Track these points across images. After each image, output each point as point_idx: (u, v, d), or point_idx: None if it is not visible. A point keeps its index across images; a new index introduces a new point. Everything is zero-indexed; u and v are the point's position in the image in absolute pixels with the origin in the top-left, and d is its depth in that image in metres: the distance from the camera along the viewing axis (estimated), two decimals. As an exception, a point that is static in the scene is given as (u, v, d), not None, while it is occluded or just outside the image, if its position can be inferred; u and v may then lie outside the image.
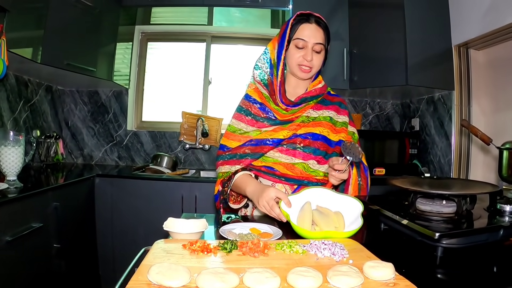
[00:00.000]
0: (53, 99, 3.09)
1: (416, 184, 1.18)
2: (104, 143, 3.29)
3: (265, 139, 1.45)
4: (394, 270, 0.77)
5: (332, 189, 1.31)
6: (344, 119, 1.55)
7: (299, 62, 1.42)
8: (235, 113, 1.54)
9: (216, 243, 0.92)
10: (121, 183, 2.61)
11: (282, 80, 1.46)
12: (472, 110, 2.51)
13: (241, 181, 1.42)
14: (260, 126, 1.48)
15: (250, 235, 1.10)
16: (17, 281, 1.70)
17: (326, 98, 1.55)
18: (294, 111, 1.47)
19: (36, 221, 1.83)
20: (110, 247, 2.62)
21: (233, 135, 1.50)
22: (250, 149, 1.45)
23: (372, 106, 3.42)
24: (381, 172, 2.90)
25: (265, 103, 1.50)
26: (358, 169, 1.51)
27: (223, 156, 1.50)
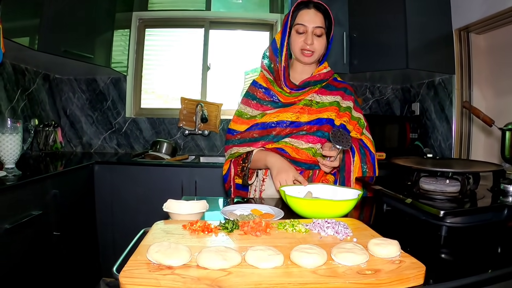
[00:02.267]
0: (51, 87, 3.04)
1: (419, 163, 1.16)
2: (103, 130, 3.25)
3: (270, 122, 1.50)
4: (400, 248, 0.75)
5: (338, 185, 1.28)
6: (348, 104, 1.56)
7: (301, 47, 1.45)
8: (243, 98, 1.59)
9: (217, 223, 0.90)
10: (121, 169, 2.59)
11: (286, 64, 1.49)
12: (473, 94, 2.48)
13: (258, 155, 1.48)
14: (265, 109, 1.53)
15: (251, 216, 1.08)
16: (17, 269, 1.68)
17: (331, 84, 1.57)
18: (297, 94, 1.51)
19: (36, 209, 1.81)
20: (110, 233, 2.61)
21: (241, 120, 1.55)
22: (257, 133, 1.50)
23: (372, 90, 3.38)
24: (381, 156, 2.87)
25: (269, 87, 1.55)
26: (363, 156, 1.50)
27: (233, 141, 1.55)
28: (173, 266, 0.66)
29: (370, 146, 1.55)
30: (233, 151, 1.53)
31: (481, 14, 2.27)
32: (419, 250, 0.83)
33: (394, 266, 0.69)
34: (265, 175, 1.55)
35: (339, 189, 1.22)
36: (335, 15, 2.80)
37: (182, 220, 0.95)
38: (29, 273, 1.78)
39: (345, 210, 1.04)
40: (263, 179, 1.55)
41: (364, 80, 3.28)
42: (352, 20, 2.82)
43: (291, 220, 0.93)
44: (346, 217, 1.03)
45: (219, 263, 0.65)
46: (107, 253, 2.64)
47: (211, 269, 0.65)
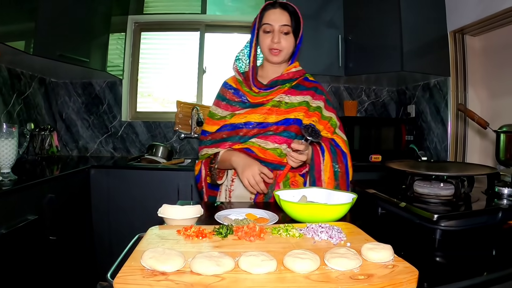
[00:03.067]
0: (47, 91, 3.04)
1: (413, 167, 1.17)
2: (99, 134, 3.25)
3: (238, 123, 1.52)
4: (393, 252, 0.75)
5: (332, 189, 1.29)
6: (318, 103, 1.56)
7: (269, 46, 1.49)
8: (214, 100, 1.64)
9: (211, 228, 0.90)
10: (117, 173, 2.58)
11: (254, 64, 1.55)
12: (468, 96, 2.49)
13: (225, 155, 1.51)
14: (234, 109, 1.55)
15: (245, 220, 1.08)
16: (13, 274, 1.68)
17: (301, 84, 1.58)
18: (265, 94, 1.53)
19: (31, 213, 1.80)
20: (106, 237, 2.60)
21: (212, 121, 1.59)
22: (226, 133, 1.53)
23: (367, 93, 3.39)
24: (377, 158, 2.89)
25: (238, 88, 1.58)
26: (334, 155, 1.50)
27: (205, 142, 1.59)
28: (167, 272, 0.66)
29: (343, 145, 1.56)
30: (203, 152, 1.57)
31: (476, 16, 2.28)
32: (413, 254, 0.84)
33: (387, 271, 0.69)
34: (234, 175, 1.56)
35: (334, 193, 1.22)
36: (330, 18, 2.84)
37: (176, 226, 0.95)
38: (26, 278, 1.77)
39: (340, 214, 1.05)
40: (232, 179, 1.57)
41: (359, 83, 3.29)
42: (347, 23, 2.84)
43: (285, 225, 0.93)
44: (341, 221, 1.03)
45: (212, 269, 0.66)
46: (104, 256, 2.63)
47: (204, 274, 0.65)
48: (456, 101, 2.48)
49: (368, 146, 2.87)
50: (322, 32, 2.84)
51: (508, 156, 1.30)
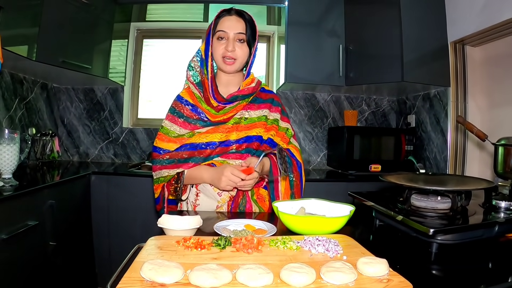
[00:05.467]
0: (49, 96, 3.07)
1: (411, 180, 1.18)
2: (100, 140, 3.27)
3: (200, 143, 1.46)
4: (388, 266, 0.77)
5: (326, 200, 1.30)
6: (275, 116, 1.57)
7: (222, 54, 1.43)
8: (168, 114, 1.52)
9: (210, 240, 0.92)
10: (117, 180, 2.60)
11: (212, 75, 1.48)
12: (468, 106, 2.51)
13: (192, 174, 1.47)
14: (193, 128, 1.48)
15: (244, 232, 1.10)
16: (13, 279, 1.69)
17: (258, 96, 1.56)
18: (225, 111, 1.49)
19: (32, 219, 1.81)
20: (106, 244, 2.61)
21: (167, 137, 1.49)
22: (187, 153, 1.46)
23: (368, 102, 3.42)
24: (377, 168, 2.90)
25: (196, 104, 1.50)
26: (289, 165, 1.52)
27: (160, 161, 1.48)
28: (165, 284, 0.68)
29: (297, 154, 1.58)
30: (163, 174, 1.48)
31: (476, 27, 2.30)
32: (409, 268, 0.85)
33: (382, 285, 0.70)
34: (196, 188, 1.53)
35: (332, 205, 1.24)
36: (331, 28, 2.87)
37: (176, 236, 0.96)
38: (26, 283, 1.79)
39: (337, 226, 1.06)
40: (197, 194, 1.53)
41: (360, 92, 3.31)
42: (348, 32, 2.87)
43: (283, 237, 0.95)
44: (339, 233, 1.05)
45: (210, 281, 0.67)
46: (103, 263, 2.64)
47: (202, 287, 0.67)
48: (456, 112, 2.50)
49: (368, 155, 2.88)
50: (323, 41, 2.87)
51: (506, 169, 1.31)
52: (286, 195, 1.51)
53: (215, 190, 1.49)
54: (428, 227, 0.92)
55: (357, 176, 2.79)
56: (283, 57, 2.98)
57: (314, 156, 3.40)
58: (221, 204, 1.51)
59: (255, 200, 1.55)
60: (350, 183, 2.69)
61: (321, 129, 3.39)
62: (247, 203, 1.53)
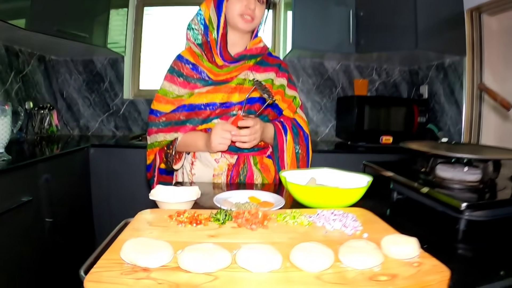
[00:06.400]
0: (47, 69, 2.90)
1: (435, 148, 1.03)
2: (100, 113, 3.12)
3: (199, 104, 1.33)
4: (419, 246, 0.63)
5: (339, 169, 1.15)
6: (281, 81, 1.44)
7: (242, 12, 1.29)
8: (167, 75, 1.41)
9: (208, 214, 0.78)
10: (117, 153, 2.47)
11: (224, 32, 1.35)
12: (484, 77, 2.31)
13: (187, 140, 1.35)
14: (193, 87, 1.36)
15: (248, 204, 0.97)
16: (8, 256, 1.59)
17: (265, 60, 1.43)
18: (229, 69, 1.36)
19: (26, 195, 1.69)
20: (107, 218, 2.51)
21: (165, 99, 1.37)
22: (184, 115, 1.34)
23: (378, 72, 3.22)
24: (388, 140, 2.75)
25: (197, 63, 1.38)
26: (296, 136, 1.40)
27: (156, 123, 1.37)
28: (149, 268, 0.55)
29: (304, 125, 1.45)
30: (159, 138, 1.37)
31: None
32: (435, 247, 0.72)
33: (413, 270, 0.57)
34: (193, 157, 1.41)
35: (346, 175, 1.09)
36: (342, -8, 2.67)
37: (169, 210, 0.83)
38: (22, 260, 1.69)
39: (353, 199, 0.92)
40: (192, 162, 1.41)
41: (370, 61, 3.12)
42: (358, -2, 2.66)
43: (292, 211, 0.82)
44: (354, 207, 0.91)
45: (203, 265, 0.54)
46: (104, 238, 2.55)
47: (194, 272, 0.54)
48: (472, 82, 2.31)
49: (378, 127, 2.72)
50: (332, 7, 2.66)
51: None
52: (293, 168, 1.39)
53: (212, 156, 1.35)
54: (459, 201, 0.78)
55: (368, 148, 2.63)
56: (290, 24, 2.78)
57: (322, 127, 3.24)
58: (218, 172, 1.37)
59: (258, 169, 1.41)
60: (360, 154, 2.54)
61: (329, 99, 3.21)
62: (248, 171, 1.39)
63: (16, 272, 1.65)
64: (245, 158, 1.39)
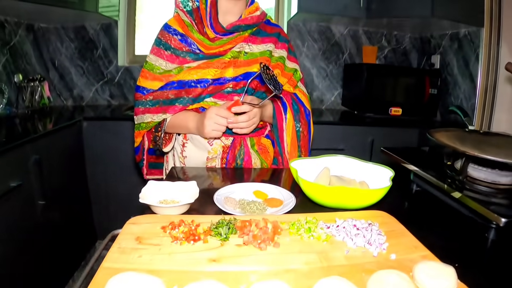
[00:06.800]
0: (36, 38, 2.69)
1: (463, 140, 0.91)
2: (94, 81, 2.95)
3: (190, 81, 1.19)
4: (456, 277, 0.53)
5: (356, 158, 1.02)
6: (281, 53, 1.29)
7: None
8: (153, 47, 1.25)
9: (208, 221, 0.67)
10: (112, 126, 2.34)
11: (214, 1, 1.20)
12: (501, 51, 2.13)
13: (177, 121, 1.23)
14: (182, 62, 1.21)
15: (253, 204, 0.86)
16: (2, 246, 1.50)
17: (262, 29, 1.27)
18: (222, 42, 1.20)
19: (14, 180, 1.56)
20: (103, 194, 2.43)
21: (152, 74, 1.23)
22: (174, 93, 1.20)
23: (388, 38, 3.02)
24: (397, 112, 2.61)
25: (187, 34, 1.22)
26: (296, 113, 1.28)
27: (143, 102, 1.23)
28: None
29: (305, 101, 1.33)
30: (146, 119, 1.24)
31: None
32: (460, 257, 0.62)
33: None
34: (185, 138, 1.30)
35: (363, 165, 0.97)
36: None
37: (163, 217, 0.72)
38: (18, 248, 1.61)
39: (374, 200, 0.81)
40: (183, 144, 1.30)
41: (380, 27, 2.92)
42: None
43: (307, 219, 0.70)
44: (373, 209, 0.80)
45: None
46: (101, 215, 2.49)
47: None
48: (488, 55, 2.12)
49: (387, 97, 2.58)
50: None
51: None
52: (293, 148, 1.28)
53: (205, 139, 1.23)
54: (499, 215, 0.67)
55: (376, 119, 2.51)
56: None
57: (328, 95, 3.08)
58: (212, 155, 1.25)
59: (256, 151, 1.30)
60: (368, 127, 2.41)
61: (336, 65, 3.04)
62: (245, 155, 1.27)
63: (15, 257, 1.58)
64: (241, 140, 1.27)
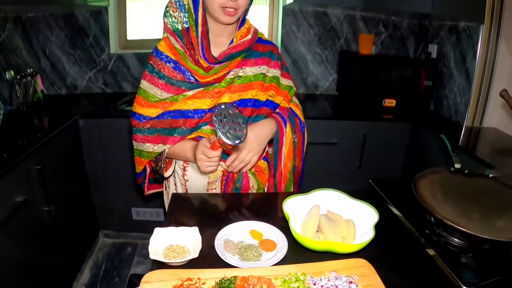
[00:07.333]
0: (25, 29, 2.69)
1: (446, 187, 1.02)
2: (87, 70, 3.00)
3: (187, 110, 1.25)
4: None
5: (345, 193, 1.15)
6: (274, 72, 1.35)
7: (222, 4, 1.16)
8: (146, 73, 1.29)
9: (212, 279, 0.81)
10: (108, 124, 2.46)
11: (205, 29, 1.21)
12: (499, 49, 2.18)
13: (174, 151, 1.32)
14: (177, 91, 1.26)
15: (250, 251, 0.99)
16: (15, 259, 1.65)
17: (255, 49, 1.32)
18: (216, 70, 1.26)
19: (19, 195, 1.66)
20: (103, 188, 2.61)
21: (147, 102, 1.28)
22: (171, 122, 1.26)
23: (386, 23, 3.05)
24: (391, 103, 2.73)
25: (180, 62, 1.26)
26: (293, 125, 1.39)
27: (141, 130, 1.30)
28: None
29: (299, 114, 1.44)
30: (147, 148, 1.31)
31: None
32: None
33: None
34: (185, 163, 1.39)
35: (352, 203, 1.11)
36: None
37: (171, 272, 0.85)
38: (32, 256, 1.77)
39: (357, 249, 0.95)
40: (184, 168, 1.39)
41: (377, 12, 2.96)
42: None
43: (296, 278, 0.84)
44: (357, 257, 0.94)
45: None
46: (103, 207, 2.68)
47: None
48: (485, 53, 2.18)
49: (382, 89, 2.69)
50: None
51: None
52: (289, 158, 1.39)
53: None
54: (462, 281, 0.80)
55: (370, 111, 2.64)
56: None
57: (323, 81, 3.18)
58: (213, 179, 1.37)
59: (253, 173, 1.42)
60: (361, 121, 2.54)
61: (331, 51, 3.10)
62: (244, 178, 1.39)
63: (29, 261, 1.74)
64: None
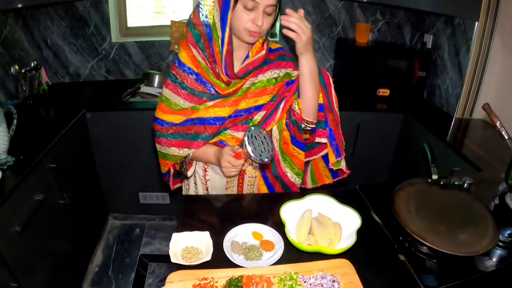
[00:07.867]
0: (25, 21, 2.80)
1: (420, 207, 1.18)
2: (89, 58, 3.14)
3: (208, 118, 1.41)
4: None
5: (334, 198, 1.36)
6: (286, 71, 1.48)
7: (248, 28, 1.27)
8: (169, 82, 1.41)
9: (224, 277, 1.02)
10: (114, 117, 2.65)
11: (229, 49, 1.31)
12: (492, 46, 2.32)
13: (198, 156, 1.50)
14: (198, 101, 1.41)
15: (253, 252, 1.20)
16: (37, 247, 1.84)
17: (267, 58, 1.46)
18: (235, 83, 1.39)
19: (38, 193, 1.84)
20: (111, 176, 2.85)
21: (169, 109, 1.43)
22: (194, 128, 1.43)
23: (383, 11, 3.17)
24: (385, 93, 2.89)
25: (202, 74, 1.38)
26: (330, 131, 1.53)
27: (164, 135, 1.46)
28: None
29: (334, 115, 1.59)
30: (172, 151, 1.48)
31: None
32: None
33: None
34: (205, 164, 1.57)
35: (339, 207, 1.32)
36: None
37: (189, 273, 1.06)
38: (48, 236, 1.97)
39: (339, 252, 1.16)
40: (205, 169, 1.58)
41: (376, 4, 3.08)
42: None
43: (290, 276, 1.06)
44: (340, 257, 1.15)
45: None
46: (111, 192, 2.94)
47: None
48: (479, 50, 2.33)
49: (376, 78, 2.86)
50: None
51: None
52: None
53: None
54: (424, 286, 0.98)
55: (363, 101, 2.83)
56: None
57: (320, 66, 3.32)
58: (231, 179, 1.59)
59: (289, 159, 1.61)
60: (356, 112, 2.72)
61: (329, 38, 3.24)
62: (277, 168, 1.62)
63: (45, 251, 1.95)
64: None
